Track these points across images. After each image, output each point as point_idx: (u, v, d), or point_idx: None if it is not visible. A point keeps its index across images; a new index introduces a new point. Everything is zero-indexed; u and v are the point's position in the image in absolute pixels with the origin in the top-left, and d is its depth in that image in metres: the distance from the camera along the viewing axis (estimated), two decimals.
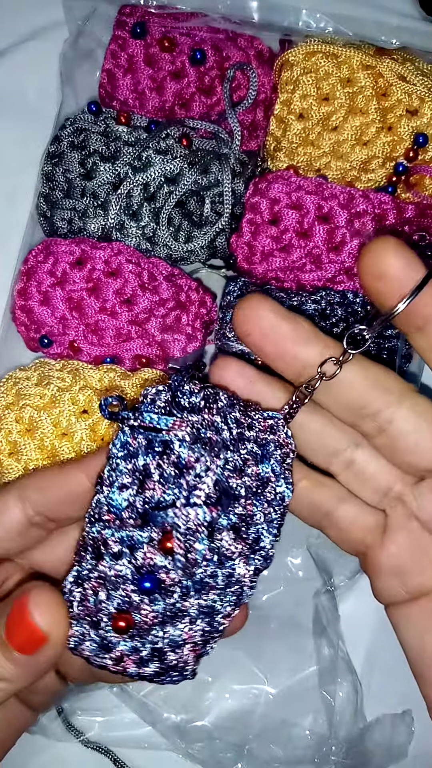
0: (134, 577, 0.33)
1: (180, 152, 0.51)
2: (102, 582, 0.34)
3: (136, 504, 0.33)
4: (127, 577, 0.33)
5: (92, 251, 0.50)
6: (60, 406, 0.47)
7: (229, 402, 0.35)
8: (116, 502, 0.34)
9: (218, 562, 0.34)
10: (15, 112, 0.60)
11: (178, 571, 0.33)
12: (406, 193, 0.52)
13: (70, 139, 0.52)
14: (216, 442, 0.33)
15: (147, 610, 0.34)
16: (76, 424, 0.47)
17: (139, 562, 0.33)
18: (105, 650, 0.34)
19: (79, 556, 0.35)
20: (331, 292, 0.51)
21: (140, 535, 0.33)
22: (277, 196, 0.50)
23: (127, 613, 0.34)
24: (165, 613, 0.34)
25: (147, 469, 0.34)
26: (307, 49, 0.50)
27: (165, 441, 0.34)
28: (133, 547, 0.33)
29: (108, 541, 0.34)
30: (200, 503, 0.33)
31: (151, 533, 0.33)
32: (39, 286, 0.50)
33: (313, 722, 0.53)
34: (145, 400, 0.35)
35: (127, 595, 0.34)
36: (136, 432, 0.34)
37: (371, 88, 0.49)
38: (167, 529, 0.33)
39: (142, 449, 0.34)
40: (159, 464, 0.33)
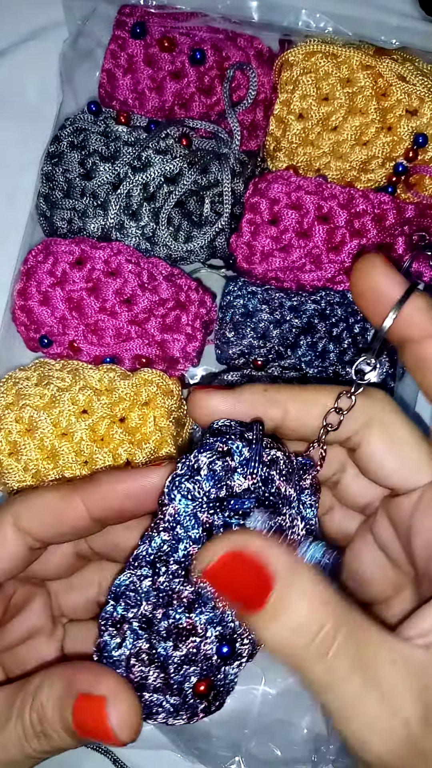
0: (217, 647, 0.33)
1: (180, 152, 0.51)
2: (187, 661, 0.33)
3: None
4: (211, 649, 0.33)
5: (92, 251, 0.50)
6: (60, 406, 0.48)
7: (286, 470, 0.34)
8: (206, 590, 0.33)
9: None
10: (15, 112, 0.60)
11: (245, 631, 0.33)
12: (406, 193, 0.52)
13: (69, 139, 0.52)
14: (288, 513, 0.33)
15: (218, 664, 0.33)
16: (76, 424, 0.47)
17: (222, 633, 0.33)
18: (182, 712, 0.33)
19: (144, 638, 0.34)
20: (330, 292, 0.51)
21: (227, 615, 0.33)
22: (276, 196, 0.50)
23: (208, 678, 0.33)
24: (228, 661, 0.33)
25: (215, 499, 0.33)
26: (307, 49, 0.50)
27: (244, 513, 0.33)
28: (218, 623, 0.33)
29: (197, 625, 0.33)
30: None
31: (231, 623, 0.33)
32: (39, 286, 0.50)
33: (311, 721, 0.53)
34: (201, 472, 0.33)
35: (208, 663, 0.33)
36: (202, 511, 0.33)
37: (371, 88, 0.49)
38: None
39: (217, 516, 0.33)
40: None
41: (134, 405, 0.48)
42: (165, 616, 0.32)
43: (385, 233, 0.50)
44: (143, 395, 0.49)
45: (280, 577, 0.29)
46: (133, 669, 0.32)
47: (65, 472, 0.48)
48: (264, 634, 0.29)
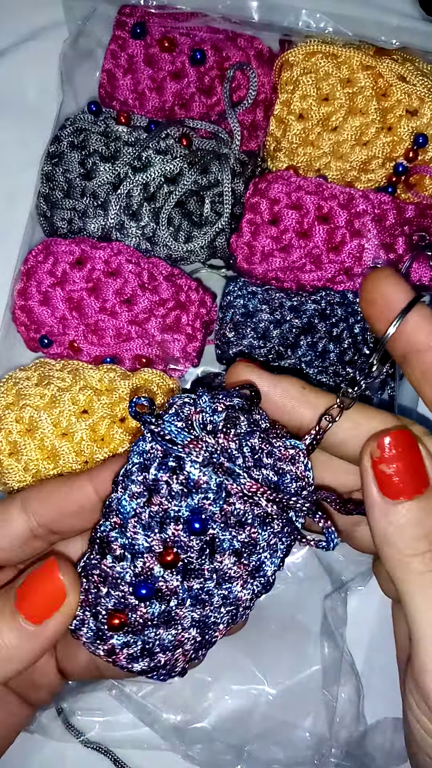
0: (132, 581, 0.34)
1: (180, 152, 0.51)
2: (103, 579, 0.34)
3: (143, 514, 0.34)
4: (125, 580, 0.34)
5: (92, 251, 0.50)
6: (60, 406, 0.47)
7: (249, 428, 0.35)
8: (125, 508, 0.34)
9: (216, 582, 0.35)
10: (15, 112, 0.60)
11: (174, 583, 0.34)
12: (406, 193, 0.52)
13: (70, 139, 0.52)
14: (227, 468, 0.34)
15: (141, 612, 0.34)
16: (76, 424, 0.47)
17: (138, 570, 0.34)
18: (100, 640, 0.35)
19: (90, 546, 0.36)
20: (331, 292, 0.51)
21: (142, 545, 0.34)
22: (277, 197, 0.50)
23: (122, 612, 0.34)
24: (159, 617, 0.35)
25: (157, 483, 0.34)
26: (307, 50, 0.50)
27: (179, 457, 0.34)
28: (134, 554, 0.34)
29: (112, 544, 0.34)
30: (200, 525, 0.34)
31: (153, 544, 0.34)
32: (39, 286, 0.50)
33: (313, 724, 0.52)
34: (169, 410, 0.35)
35: (124, 596, 0.34)
36: (155, 440, 0.34)
37: (371, 88, 0.49)
38: (168, 543, 0.34)
39: (156, 461, 0.34)
40: (168, 481, 0.34)
41: None
42: (99, 526, 0.35)
43: (385, 233, 0.50)
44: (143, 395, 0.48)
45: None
46: (81, 579, 0.35)
47: (65, 472, 0.47)
48: (392, 522, 0.31)
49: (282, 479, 0.35)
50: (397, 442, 0.32)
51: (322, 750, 0.51)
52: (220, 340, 0.52)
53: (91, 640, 0.35)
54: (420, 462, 0.32)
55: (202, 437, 0.34)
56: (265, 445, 0.35)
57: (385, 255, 0.50)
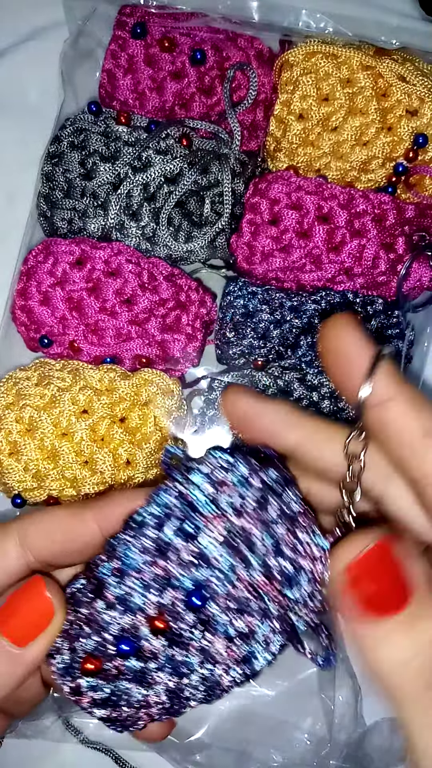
0: (116, 634, 0.33)
1: (180, 152, 0.51)
2: (89, 620, 0.34)
3: (145, 573, 0.33)
4: (110, 630, 0.33)
5: (92, 251, 0.50)
6: (60, 406, 0.47)
7: (278, 515, 0.33)
8: (130, 560, 0.33)
9: (200, 660, 0.33)
10: (15, 112, 0.60)
11: (158, 647, 0.33)
12: (406, 193, 0.52)
13: (70, 139, 0.52)
14: (244, 556, 0.32)
15: (117, 663, 0.33)
16: (76, 424, 0.47)
17: (125, 625, 0.33)
18: (69, 676, 0.34)
19: (85, 575, 0.35)
20: (331, 292, 0.51)
21: (136, 603, 0.33)
22: (277, 197, 0.50)
23: (99, 659, 0.33)
24: (133, 674, 0.34)
25: (169, 547, 0.33)
26: (307, 50, 0.50)
27: (197, 526, 0.33)
28: (126, 608, 0.33)
29: (107, 591, 0.33)
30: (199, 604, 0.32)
31: (147, 606, 0.33)
32: (39, 286, 0.50)
33: (312, 726, 0.52)
34: (201, 466, 0.33)
35: (105, 644, 0.33)
36: (177, 498, 0.33)
37: (371, 88, 0.49)
38: (163, 609, 0.33)
39: (173, 522, 0.33)
40: (181, 548, 0.33)
41: (134, 405, 0.48)
42: (100, 566, 0.34)
43: (385, 233, 0.50)
44: (143, 395, 0.49)
45: (420, 588, 0.27)
46: (78, 610, 0.34)
47: (65, 472, 0.48)
48: (381, 646, 0.27)
49: (298, 575, 0.33)
50: (373, 559, 0.28)
51: (321, 752, 0.51)
52: (220, 340, 0.52)
53: (62, 673, 0.34)
54: (398, 574, 0.27)
55: (228, 515, 0.32)
56: (289, 536, 0.33)
57: (385, 255, 0.50)
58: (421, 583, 0.27)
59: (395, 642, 0.27)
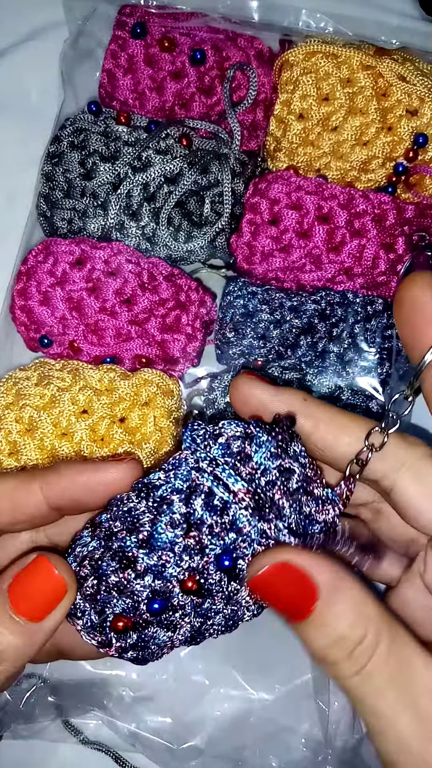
0: (148, 596, 0.34)
1: (180, 152, 0.51)
2: (119, 589, 0.34)
3: (176, 546, 0.34)
4: (141, 595, 0.34)
5: (92, 251, 0.50)
6: (60, 406, 0.47)
7: (300, 483, 0.34)
8: (161, 537, 0.34)
9: (226, 603, 0.35)
10: (15, 112, 0.61)
11: (187, 601, 0.34)
12: (406, 193, 0.52)
13: (70, 139, 0.52)
14: (275, 525, 0.34)
15: (146, 617, 0.35)
16: (76, 424, 0.47)
17: (157, 589, 0.34)
18: (97, 633, 0.35)
19: (91, 535, 0.36)
20: (331, 292, 0.51)
21: (169, 573, 0.34)
22: (277, 197, 0.50)
23: (128, 617, 0.34)
24: (160, 623, 0.35)
25: (201, 523, 0.34)
26: (307, 50, 0.50)
27: (225, 501, 0.34)
28: (157, 575, 0.34)
29: (137, 563, 0.34)
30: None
31: (179, 572, 0.34)
32: (39, 286, 0.50)
33: (309, 731, 0.52)
34: (219, 439, 0.35)
35: (136, 605, 0.34)
36: (202, 471, 0.34)
37: (371, 88, 0.49)
38: (192, 572, 0.34)
39: (201, 498, 0.34)
40: (213, 523, 0.34)
41: (134, 405, 0.48)
42: (122, 538, 0.35)
43: (385, 233, 0.50)
44: (143, 395, 0.49)
45: (324, 589, 0.30)
46: (81, 568, 0.35)
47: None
48: (308, 643, 0.31)
49: (312, 527, 0.35)
50: (270, 578, 0.32)
51: (318, 757, 0.51)
52: (220, 340, 0.52)
53: (88, 630, 0.35)
54: (301, 581, 0.31)
55: (258, 489, 0.34)
56: (307, 498, 0.35)
57: (384, 255, 0.50)
58: (326, 583, 0.31)
59: (315, 633, 0.31)
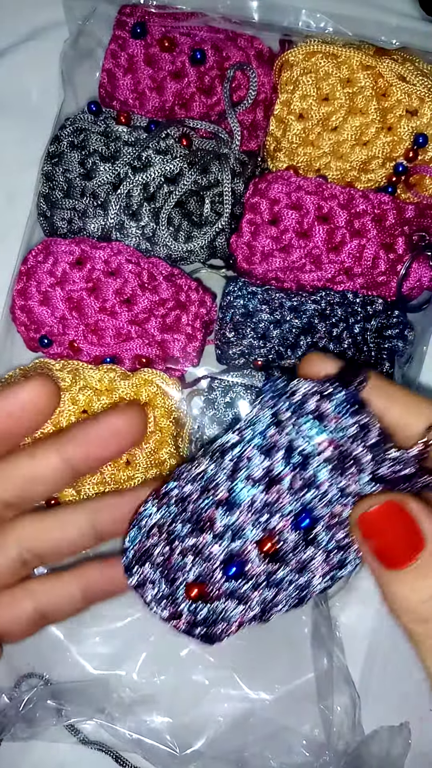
0: (225, 559, 0.34)
1: (180, 152, 0.51)
2: (195, 552, 0.34)
3: (256, 503, 0.34)
4: (218, 557, 0.34)
5: (92, 251, 0.50)
6: (60, 406, 0.47)
7: (378, 440, 0.34)
8: (240, 495, 0.34)
9: (299, 572, 0.35)
10: (15, 112, 0.60)
11: (262, 567, 0.34)
12: (406, 193, 0.52)
13: (70, 139, 0.52)
14: (356, 480, 0.33)
15: (221, 586, 0.34)
16: None
17: (235, 551, 0.34)
18: (168, 604, 0.35)
19: (157, 504, 0.35)
20: (330, 292, 0.51)
21: (248, 533, 0.33)
22: (276, 197, 0.50)
23: (203, 584, 0.34)
24: (233, 593, 0.34)
25: (281, 478, 0.33)
26: (307, 50, 0.50)
27: (307, 454, 0.33)
28: (236, 535, 0.34)
29: (216, 523, 0.34)
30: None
31: (258, 532, 0.34)
32: (39, 286, 0.50)
33: (310, 732, 0.52)
34: (294, 397, 0.34)
35: (212, 571, 0.34)
36: (281, 426, 0.34)
37: (371, 88, 0.49)
38: (272, 533, 0.34)
39: (282, 452, 0.34)
40: (293, 478, 0.33)
41: None
42: (196, 500, 0.34)
43: (385, 233, 0.50)
44: (143, 395, 0.49)
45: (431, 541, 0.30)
46: (150, 536, 0.34)
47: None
48: (399, 595, 0.30)
49: (394, 486, 0.35)
50: (380, 517, 0.31)
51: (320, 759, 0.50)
52: (220, 340, 0.52)
53: (157, 601, 0.35)
54: (410, 527, 0.30)
55: (335, 441, 0.33)
56: (383, 457, 0.34)
57: (384, 255, 0.50)
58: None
59: (407, 586, 0.30)
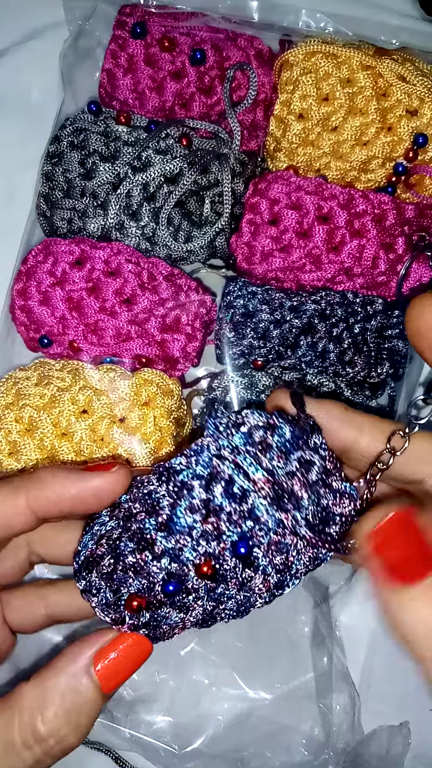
0: (164, 577, 0.35)
1: (180, 152, 0.51)
2: (136, 569, 0.35)
3: (194, 531, 0.35)
4: (158, 575, 0.35)
5: (92, 251, 0.50)
6: (60, 406, 0.47)
7: (318, 468, 0.35)
8: (180, 521, 0.35)
9: (239, 589, 0.36)
10: (15, 112, 0.61)
11: (202, 589, 0.35)
12: (406, 193, 0.52)
13: (69, 139, 0.52)
14: (293, 516, 0.34)
15: (161, 597, 0.35)
16: (75, 424, 0.47)
17: (173, 572, 0.35)
18: (112, 611, 0.35)
19: (110, 515, 0.36)
20: (330, 292, 0.51)
21: (186, 557, 0.35)
22: (276, 197, 0.50)
23: (143, 597, 0.35)
24: (174, 604, 0.35)
25: (220, 510, 0.35)
26: (307, 50, 0.50)
27: (245, 489, 0.34)
28: (174, 558, 0.35)
29: (155, 545, 0.35)
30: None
31: (196, 557, 0.35)
32: (39, 286, 0.50)
33: (310, 730, 0.52)
34: (241, 428, 0.35)
35: (151, 586, 0.35)
36: (223, 458, 0.35)
37: (371, 88, 0.49)
38: (209, 557, 0.35)
39: (221, 485, 0.35)
40: (231, 511, 0.35)
41: (134, 405, 0.48)
42: (141, 520, 0.35)
43: (385, 233, 0.50)
44: (143, 395, 0.49)
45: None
46: (99, 546, 0.35)
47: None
48: (410, 614, 0.28)
49: (331, 520, 0.35)
50: (392, 529, 0.30)
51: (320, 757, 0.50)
52: (220, 340, 0.52)
53: (103, 608, 0.35)
54: (421, 540, 0.29)
55: (274, 476, 0.34)
56: (325, 487, 0.35)
57: (384, 255, 0.50)
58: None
59: (419, 607, 0.28)
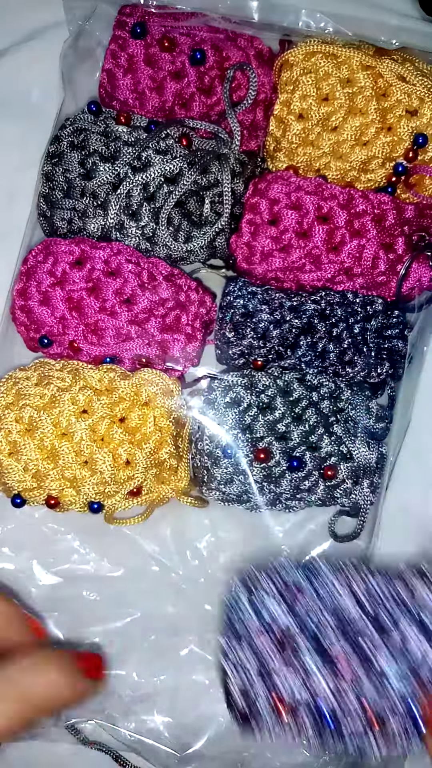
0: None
1: (180, 152, 0.51)
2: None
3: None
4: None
5: (92, 251, 0.50)
6: (60, 406, 0.47)
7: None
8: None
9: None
10: (15, 112, 0.60)
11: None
12: (406, 193, 0.52)
13: (69, 139, 0.52)
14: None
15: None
16: (76, 424, 0.47)
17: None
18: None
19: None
20: (330, 292, 0.51)
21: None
22: (276, 197, 0.50)
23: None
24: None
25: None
26: (307, 50, 0.50)
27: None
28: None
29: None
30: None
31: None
32: (39, 286, 0.50)
33: None
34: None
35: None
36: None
37: (371, 88, 0.49)
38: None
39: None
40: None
41: (134, 405, 0.48)
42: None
43: (385, 233, 0.50)
44: (143, 395, 0.49)
45: None
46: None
47: (65, 472, 0.48)
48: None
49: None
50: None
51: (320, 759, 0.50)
52: (220, 340, 0.52)
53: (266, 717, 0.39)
54: None
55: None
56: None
57: (384, 255, 0.50)
58: None
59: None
